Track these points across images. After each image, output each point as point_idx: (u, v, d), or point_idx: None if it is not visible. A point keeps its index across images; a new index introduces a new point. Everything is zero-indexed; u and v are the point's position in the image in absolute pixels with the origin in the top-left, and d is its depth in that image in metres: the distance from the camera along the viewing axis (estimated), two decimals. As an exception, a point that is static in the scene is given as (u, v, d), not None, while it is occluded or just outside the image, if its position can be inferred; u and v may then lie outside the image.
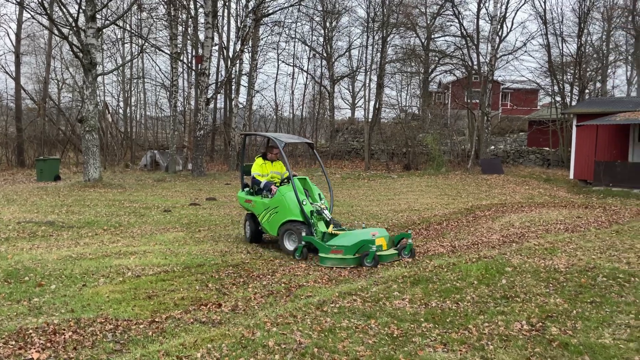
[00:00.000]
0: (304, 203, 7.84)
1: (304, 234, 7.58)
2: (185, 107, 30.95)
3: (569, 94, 29.89)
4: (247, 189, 8.98)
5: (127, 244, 8.44)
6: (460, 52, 31.74)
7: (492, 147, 30.78)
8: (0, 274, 6.24)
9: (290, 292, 5.79)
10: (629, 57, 34.28)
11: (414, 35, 34.93)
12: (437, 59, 35.62)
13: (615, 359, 3.96)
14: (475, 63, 29.62)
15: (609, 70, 33.93)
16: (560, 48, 30.96)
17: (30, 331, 4.41)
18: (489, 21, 28.73)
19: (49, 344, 4.16)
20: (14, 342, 4.16)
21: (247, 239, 8.81)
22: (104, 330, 4.50)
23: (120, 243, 8.49)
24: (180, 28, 27.53)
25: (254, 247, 8.30)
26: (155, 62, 51.93)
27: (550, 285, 5.94)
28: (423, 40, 35.08)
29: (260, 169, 8.64)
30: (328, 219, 7.90)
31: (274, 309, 5.16)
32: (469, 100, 31.85)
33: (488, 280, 6.12)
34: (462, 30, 30.05)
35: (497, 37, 28.01)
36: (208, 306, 5.24)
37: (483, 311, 5.06)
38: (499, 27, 27.95)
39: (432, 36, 35.50)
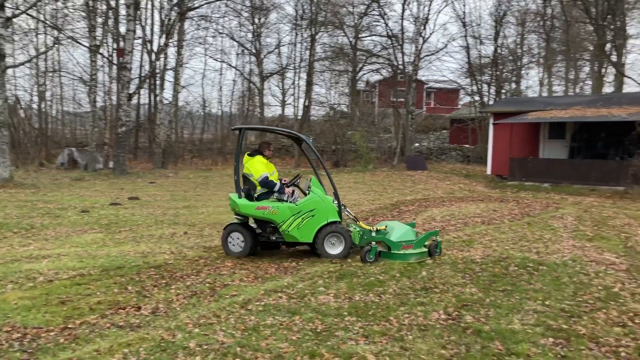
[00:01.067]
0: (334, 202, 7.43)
1: (355, 231, 7.27)
2: (106, 103, 29.55)
3: (487, 93, 31.52)
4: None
5: (39, 247, 7.94)
6: (387, 51, 32.56)
7: (417, 144, 31.87)
8: None
9: (214, 292, 5.68)
10: (541, 60, 36.64)
11: (342, 34, 35.38)
12: (364, 58, 36.28)
13: (523, 343, 4.22)
14: (400, 63, 30.49)
15: (523, 72, 36.11)
16: (479, 50, 32.65)
17: None
18: (413, 22, 29.72)
19: (-55, 358, 3.83)
20: None
21: (240, 253, 7.44)
22: (10, 340, 4.21)
23: (32, 246, 7.97)
24: (99, 19, 26.25)
25: (178, 247, 8.08)
26: (72, 55, 49.24)
27: (467, 275, 6.23)
28: (351, 39, 35.58)
29: (267, 168, 7.57)
30: (352, 216, 7.88)
31: (196, 309, 5.05)
32: (394, 99, 32.76)
33: (409, 272, 6.33)
34: (388, 30, 30.84)
35: (421, 38, 29.01)
36: (126, 310, 5.03)
37: (404, 302, 5.22)
38: (422, 28, 28.95)
39: (360, 35, 36.08)
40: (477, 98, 31.85)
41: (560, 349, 4.13)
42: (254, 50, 35.05)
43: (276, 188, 7.43)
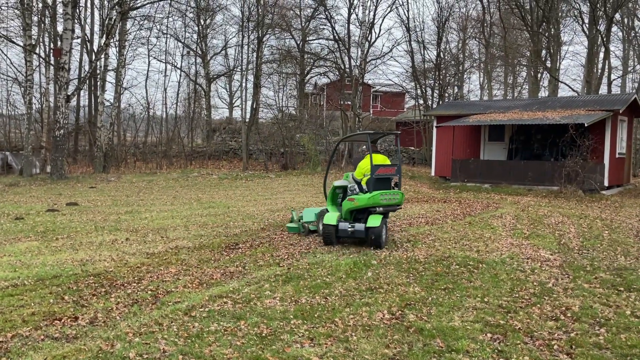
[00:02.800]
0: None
1: None
2: (42, 105, 28.22)
3: (431, 97, 32.40)
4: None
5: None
6: (334, 55, 32.88)
7: (364, 146, 32.29)
8: None
9: (157, 300, 5.54)
10: (481, 65, 38.06)
11: (290, 36, 35.47)
12: (312, 61, 36.51)
13: (463, 340, 4.36)
14: (347, 66, 30.84)
15: (465, 76, 37.42)
16: (423, 54, 33.40)
17: None
18: (359, 26, 30.14)
19: None
20: None
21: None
22: None
23: (-41, 257, 7.49)
24: (35, 18, 25.08)
25: (119, 254, 7.81)
26: (5, 55, 46.67)
27: (411, 275, 6.37)
28: (298, 42, 35.73)
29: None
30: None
31: (137, 318, 4.90)
32: (342, 102, 33.10)
33: (355, 273, 6.40)
34: (335, 34, 31.16)
35: (367, 42, 29.48)
36: (62, 320, 4.82)
37: (349, 304, 5.27)
38: (368, 32, 29.42)
39: (307, 38, 36.30)
40: (421, 101, 32.69)
41: (498, 344, 4.29)
42: (199, 52, 34.52)
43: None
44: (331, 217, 8.13)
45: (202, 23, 34.23)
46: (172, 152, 31.53)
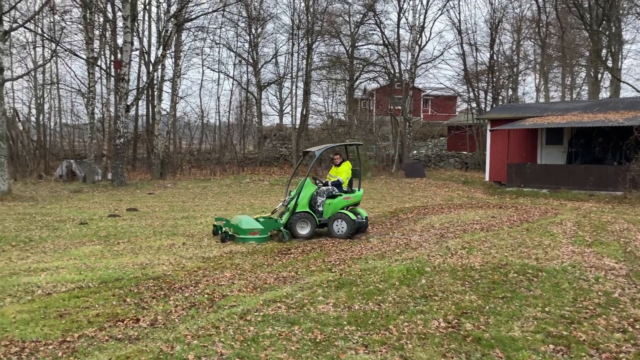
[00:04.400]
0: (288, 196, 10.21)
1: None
2: (104, 114, 29.61)
3: (484, 100, 31.65)
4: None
5: (37, 260, 7.91)
6: (383, 60, 32.73)
7: (415, 151, 31.93)
8: None
9: (213, 303, 5.66)
10: (537, 66, 36.84)
11: (339, 43, 35.59)
12: (361, 66, 36.47)
13: (523, 351, 4.21)
14: (397, 71, 30.62)
15: (520, 78, 36.31)
16: (475, 57, 32.70)
17: None
18: (409, 30, 29.88)
19: (-58, 374, 3.81)
20: None
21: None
22: (8, 354, 4.18)
23: (30, 259, 7.94)
24: (97, 32, 26.37)
25: (177, 258, 8.06)
26: (70, 68, 49.39)
27: (466, 283, 6.22)
28: (347, 48, 35.80)
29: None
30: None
31: (195, 321, 5.03)
32: (392, 107, 32.87)
33: (409, 280, 6.32)
34: (384, 39, 31.02)
35: (417, 46, 29.17)
36: (125, 322, 5.01)
37: (403, 311, 5.20)
38: (418, 36, 29.11)
39: (356, 44, 36.30)
40: (474, 105, 31.98)
41: (561, 356, 4.12)
42: (251, 60, 35.23)
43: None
44: (350, 214, 9.88)
45: (253, 32, 34.95)
46: (225, 158, 32.27)
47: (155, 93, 29.55)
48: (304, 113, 31.92)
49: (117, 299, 5.84)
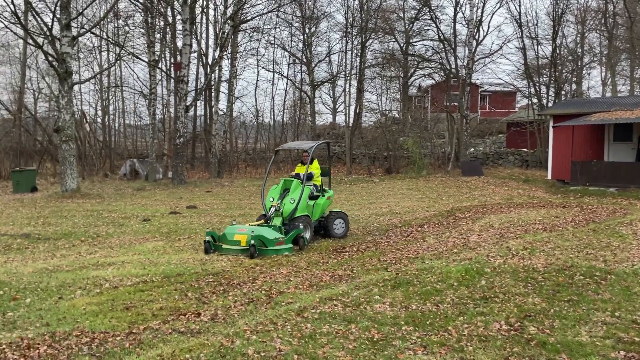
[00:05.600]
0: (270, 200, 9.48)
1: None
2: (164, 115, 30.70)
3: (546, 95, 30.40)
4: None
5: (105, 254, 8.31)
6: (439, 56, 32.08)
7: (472, 149, 31.13)
8: (-27, 288, 6.09)
9: (270, 299, 5.75)
10: (603, 59, 35.01)
11: (393, 39, 35.20)
12: (416, 63, 35.91)
13: (592, 356, 4.01)
14: (453, 66, 29.95)
15: (584, 72, 34.61)
16: (536, 50, 31.38)
17: (4, 346, 4.31)
18: (466, 25, 29.15)
19: (22, 359, 4.06)
20: (-15, 359, 4.06)
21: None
22: (79, 344, 4.41)
23: (98, 254, 8.35)
24: (157, 35, 27.35)
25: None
26: (133, 70, 51.40)
27: (529, 284, 6.00)
28: (402, 45, 35.35)
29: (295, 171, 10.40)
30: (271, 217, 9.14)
31: (254, 316, 5.12)
32: (448, 104, 32.19)
33: (468, 281, 6.16)
34: (440, 34, 30.40)
35: (474, 41, 28.41)
36: (187, 316, 5.18)
37: (463, 312, 5.08)
38: (475, 30, 28.36)
39: (411, 40, 35.79)
40: (535, 100, 30.78)
41: (634, 364, 3.90)
42: (304, 60, 35.46)
43: None
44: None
45: (307, 31, 35.16)
46: (279, 157, 32.65)
47: (213, 94, 30.33)
48: (357, 111, 31.81)
49: (179, 293, 6.04)
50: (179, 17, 26.55)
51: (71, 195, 16.87)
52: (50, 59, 18.20)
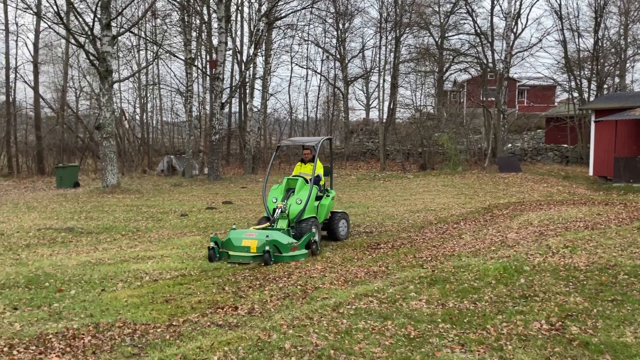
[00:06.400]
0: (273, 201, 8.78)
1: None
2: (200, 112, 31.20)
3: (587, 89, 29.49)
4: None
5: (144, 248, 8.52)
6: (475, 50, 31.54)
7: (509, 145, 30.47)
8: (22, 280, 6.34)
9: (306, 294, 5.79)
10: (648, 51, 33.63)
11: (428, 34, 34.79)
12: (451, 57, 35.41)
13: (637, 358, 3.88)
14: (490, 61, 29.38)
15: (628, 65, 33.36)
16: (577, 43, 30.51)
17: (51, 336, 4.47)
18: (503, 18, 28.50)
19: (68, 349, 4.21)
20: (34, 347, 4.22)
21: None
22: (122, 335, 4.54)
23: (138, 248, 8.57)
24: (194, 34, 27.79)
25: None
26: (170, 68, 52.54)
27: (570, 283, 5.84)
28: (437, 39, 34.90)
29: (294, 170, 9.73)
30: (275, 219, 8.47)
31: (290, 311, 5.16)
32: (484, 98, 31.58)
33: (506, 279, 6.05)
34: (476, 28, 29.86)
35: (512, 34, 27.76)
36: (224, 309, 5.26)
37: (501, 311, 4.99)
38: (513, 23, 27.69)
39: (446, 35, 35.30)
40: (575, 94, 29.89)
41: (683, 367, 3.75)
42: (338, 56, 35.41)
43: None
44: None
45: (341, 27, 35.08)
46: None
47: (247, 91, 30.63)
48: (391, 107, 31.58)
49: (216, 287, 6.15)
50: (214, 15, 26.91)
51: (112, 190, 17.36)
52: (91, 58, 18.73)
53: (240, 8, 31.31)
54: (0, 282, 6.19)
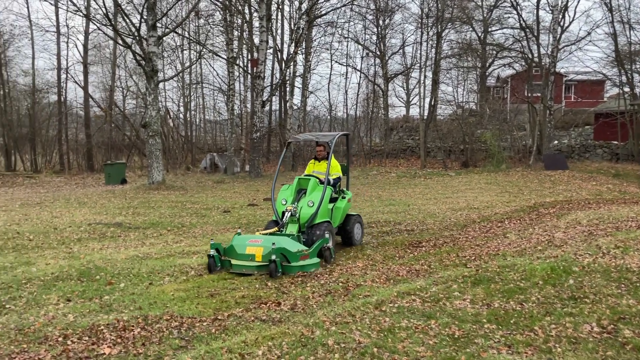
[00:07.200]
0: (283, 203, 7.94)
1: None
2: (241, 110, 31.64)
3: (639, 84, 28.22)
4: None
5: (189, 244, 8.73)
6: (520, 44, 30.68)
7: (556, 142, 29.54)
8: (74, 272, 6.61)
9: (347, 292, 5.80)
10: None
11: (470, 29, 34.08)
12: (494, 52, 34.59)
13: (698, 365, 3.71)
14: (535, 55, 28.53)
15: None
16: (628, 36, 29.15)
17: (102, 327, 4.64)
18: (550, 11, 27.60)
19: (119, 340, 4.37)
20: (87, 338, 4.39)
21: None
22: (170, 327, 4.67)
23: (183, 243, 8.79)
24: (236, 33, 28.18)
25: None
26: (213, 67, 53.38)
27: (622, 285, 5.62)
28: (480, 34, 34.16)
29: (306, 169, 8.97)
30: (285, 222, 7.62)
31: (332, 308, 5.18)
32: (529, 94, 30.72)
33: (554, 280, 5.87)
34: (521, 21, 29.04)
35: (559, 27, 26.86)
36: (268, 305, 5.34)
37: (549, 312, 4.86)
38: (560, 16, 26.80)
39: (489, 29, 34.50)
40: (626, 89, 28.66)
41: None
42: (378, 52, 35.17)
43: None
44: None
45: (381, 24, 34.82)
46: (352, 151, 32.70)
47: (288, 88, 30.84)
48: (432, 103, 31.14)
49: (259, 282, 6.23)
50: (255, 14, 27.22)
51: (157, 187, 17.84)
52: (138, 58, 19.28)
53: (281, 7, 31.56)
54: (54, 275, 6.47)
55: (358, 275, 6.56)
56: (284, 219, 7.61)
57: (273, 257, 6.41)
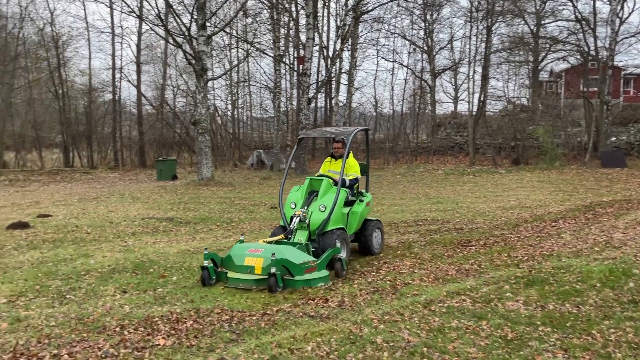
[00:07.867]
0: (292, 207, 7.06)
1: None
2: (288, 108, 31.90)
3: None
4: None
5: (237, 239, 8.87)
6: (575, 37, 29.50)
7: (613, 138, 28.24)
8: (129, 265, 6.85)
9: (396, 290, 5.75)
10: None
11: (522, 22, 32.99)
12: (548, 46, 33.36)
13: None
14: (592, 48, 27.37)
15: None
16: (695, 25, 27.50)
17: (157, 319, 4.80)
18: (608, 2, 26.37)
19: (173, 332, 4.50)
20: (142, 329, 4.55)
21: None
22: (221, 321, 4.78)
23: (232, 238, 8.95)
24: (282, 31, 28.44)
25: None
26: (260, 65, 54.19)
27: (688, 290, 5.32)
28: (532, 27, 33.02)
29: (321, 168, 8.07)
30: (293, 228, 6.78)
31: (380, 306, 5.16)
32: (585, 89, 29.49)
33: (613, 283, 5.62)
34: (577, 13, 27.90)
35: (617, 19, 25.62)
36: (315, 301, 5.36)
37: (608, 316, 4.66)
38: (619, 7, 25.55)
39: (542, 22, 33.28)
40: (692, 82, 27.05)
41: None
42: (425, 48, 34.61)
43: None
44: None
45: (429, 19, 34.24)
46: (398, 148, 32.40)
47: (333, 85, 30.85)
48: (482, 99, 30.41)
49: (307, 279, 6.26)
50: (302, 12, 27.35)
51: (206, 183, 18.25)
52: (188, 57, 19.76)
53: (327, 3, 31.55)
54: (111, 267, 6.74)
55: (406, 274, 6.50)
56: (292, 225, 6.76)
57: (273, 269, 5.65)
